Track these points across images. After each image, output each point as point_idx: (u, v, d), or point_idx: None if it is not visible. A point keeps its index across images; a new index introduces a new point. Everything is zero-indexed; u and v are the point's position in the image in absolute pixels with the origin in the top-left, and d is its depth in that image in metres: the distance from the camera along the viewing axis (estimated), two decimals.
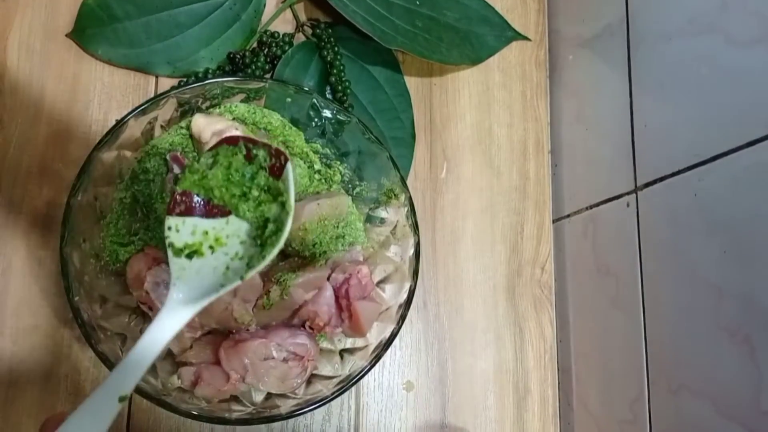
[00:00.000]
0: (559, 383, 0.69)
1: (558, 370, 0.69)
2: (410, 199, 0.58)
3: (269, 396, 0.56)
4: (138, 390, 0.49)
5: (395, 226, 0.60)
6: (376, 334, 0.58)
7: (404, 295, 0.57)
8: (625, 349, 0.59)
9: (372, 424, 0.65)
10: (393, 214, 0.60)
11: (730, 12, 0.47)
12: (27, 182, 0.62)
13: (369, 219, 0.62)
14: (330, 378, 0.57)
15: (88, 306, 0.53)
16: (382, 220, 0.61)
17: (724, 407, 0.46)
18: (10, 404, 0.58)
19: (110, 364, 0.50)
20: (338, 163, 0.62)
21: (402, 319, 0.56)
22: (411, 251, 0.58)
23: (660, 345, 0.54)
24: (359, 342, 0.59)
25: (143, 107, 0.54)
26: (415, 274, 0.57)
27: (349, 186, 0.62)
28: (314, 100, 0.58)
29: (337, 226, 0.59)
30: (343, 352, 0.59)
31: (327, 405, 0.57)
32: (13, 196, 0.62)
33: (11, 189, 0.62)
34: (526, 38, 0.75)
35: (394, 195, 0.59)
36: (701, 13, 0.50)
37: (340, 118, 0.58)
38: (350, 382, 0.54)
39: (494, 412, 0.67)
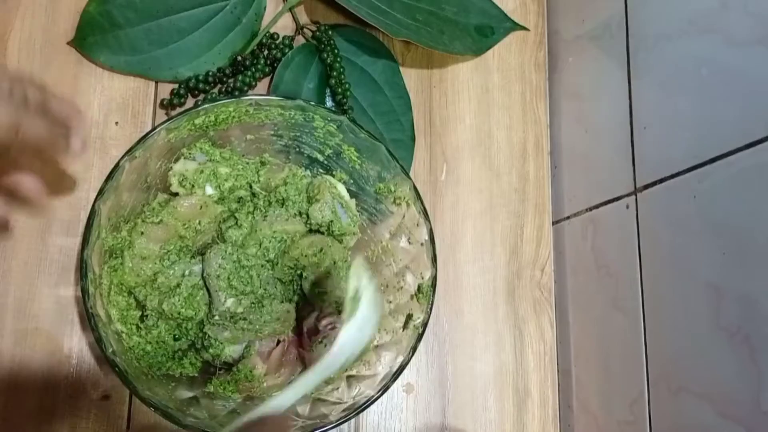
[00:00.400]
0: (559, 385, 0.69)
1: (558, 371, 0.69)
2: (415, 187, 0.58)
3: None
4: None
5: (404, 217, 0.60)
6: (386, 364, 0.58)
7: (427, 282, 0.57)
8: (625, 351, 0.59)
9: (372, 427, 0.65)
10: (399, 205, 0.60)
11: (730, 12, 0.47)
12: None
13: (376, 213, 0.62)
14: (335, 404, 0.57)
15: (103, 312, 0.53)
16: (390, 213, 0.61)
17: (724, 407, 0.46)
18: (10, 406, 0.58)
19: (119, 370, 0.50)
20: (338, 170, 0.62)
21: (413, 350, 0.56)
22: (425, 237, 0.58)
23: (660, 346, 0.54)
24: (367, 369, 0.58)
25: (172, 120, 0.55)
26: (434, 260, 0.57)
27: (353, 185, 0.62)
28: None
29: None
30: (349, 378, 0.59)
31: None
32: (13, 198, 0.61)
33: (11, 191, 0.61)
34: (524, 28, 0.75)
35: (397, 186, 0.59)
36: (701, 14, 0.51)
37: (331, 119, 0.58)
38: (356, 410, 0.54)
39: (494, 414, 0.67)
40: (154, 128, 0.54)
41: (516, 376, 0.68)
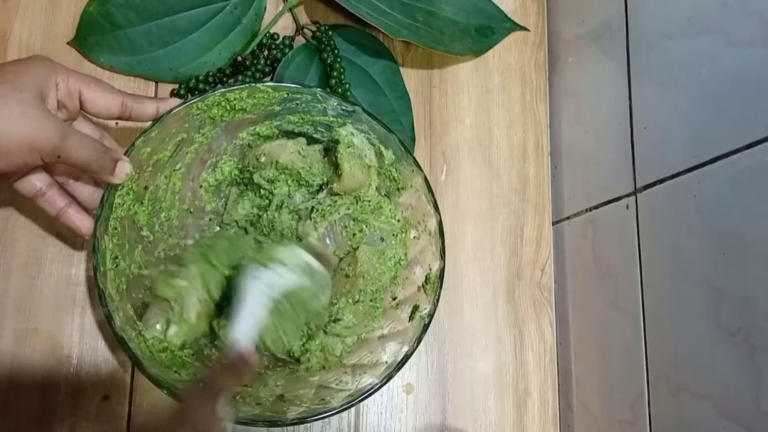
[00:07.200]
0: (559, 385, 0.69)
1: (558, 371, 0.69)
2: (426, 179, 0.58)
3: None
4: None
5: (412, 209, 0.61)
6: (390, 353, 0.58)
7: (435, 273, 0.59)
8: (625, 351, 0.59)
9: (372, 427, 0.65)
10: (408, 197, 0.61)
11: (730, 12, 0.47)
12: None
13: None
14: (339, 390, 0.57)
15: (121, 312, 0.53)
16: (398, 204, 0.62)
17: (724, 407, 0.46)
18: (10, 406, 0.58)
19: (142, 367, 0.50)
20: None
21: (418, 341, 0.57)
22: (433, 229, 0.59)
23: (660, 346, 0.54)
24: (372, 358, 0.59)
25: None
26: (443, 251, 0.58)
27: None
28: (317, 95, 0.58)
29: None
30: (354, 367, 0.59)
31: None
32: (13, 199, 0.62)
33: (11, 192, 0.61)
34: (524, 29, 0.75)
35: (409, 178, 0.60)
36: (701, 14, 0.51)
37: (345, 108, 0.59)
38: (359, 397, 0.54)
39: (494, 415, 0.67)
40: (171, 110, 0.54)
41: (516, 376, 0.68)
